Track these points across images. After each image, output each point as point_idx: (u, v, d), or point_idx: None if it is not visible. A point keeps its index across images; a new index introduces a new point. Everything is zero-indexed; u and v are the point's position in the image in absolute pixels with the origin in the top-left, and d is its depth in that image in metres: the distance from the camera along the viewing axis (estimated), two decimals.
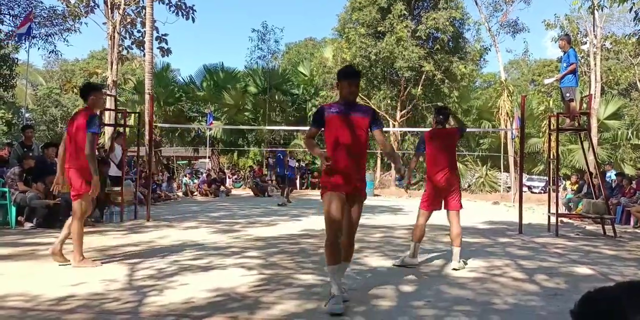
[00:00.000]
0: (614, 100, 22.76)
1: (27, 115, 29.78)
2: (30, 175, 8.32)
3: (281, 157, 15.31)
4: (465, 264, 5.20)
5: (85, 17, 17.45)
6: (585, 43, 21.29)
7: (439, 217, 5.64)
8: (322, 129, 3.82)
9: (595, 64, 19.26)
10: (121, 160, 10.15)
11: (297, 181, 22.35)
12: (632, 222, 10.36)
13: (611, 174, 13.44)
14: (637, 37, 16.14)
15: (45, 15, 17.73)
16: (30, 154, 8.79)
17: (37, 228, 7.88)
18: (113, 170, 10.28)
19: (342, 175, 3.69)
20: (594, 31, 19.66)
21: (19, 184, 8.15)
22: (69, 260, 4.90)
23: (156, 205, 12.87)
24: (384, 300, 3.83)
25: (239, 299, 3.79)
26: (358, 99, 4.09)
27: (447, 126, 5.47)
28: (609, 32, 23.45)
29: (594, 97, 17.12)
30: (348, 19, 23.04)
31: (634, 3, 11.20)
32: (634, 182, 11.72)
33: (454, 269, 4.96)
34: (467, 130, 10.38)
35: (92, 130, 4.83)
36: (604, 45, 21.71)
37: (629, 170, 19.16)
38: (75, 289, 3.99)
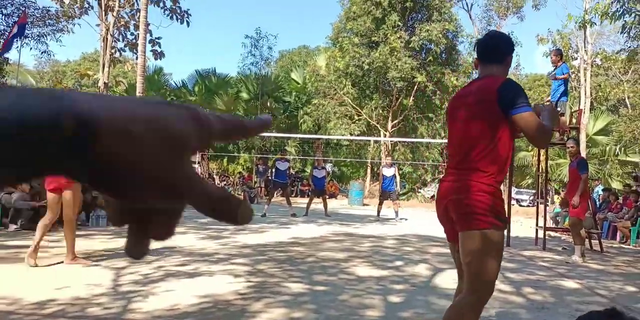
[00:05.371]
0: (602, 116, 22.93)
1: None
2: None
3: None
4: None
5: (79, 18, 17.36)
6: (576, 59, 21.56)
7: (428, 228, 5.63)
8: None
9: (585, 79, 19.48)
10: None
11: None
12: (618, 238, 10.43)
13: (598, 190, 13.54)
14: (626, 53, 16.36)
15: (38, 16, 17.61)
16: None
17: (22, 230, 7.78)
18: None
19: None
20: (584, 47, 19.90)
21: None
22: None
23: None
24: (373, 310, 3.80)
25: (225, 306, 3.75)
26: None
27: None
28: (599, 49, 23.75)
29: (584, 112, 17.30)
30: (342, 28, 23.14)
31: (625, 21, 11.36)
32: (620, 197, 11.83)
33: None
34: None
35: None
36: (594, 61, 21.99)
37: (616, 185, 19.30)
38: (58, 293, 3.92)
